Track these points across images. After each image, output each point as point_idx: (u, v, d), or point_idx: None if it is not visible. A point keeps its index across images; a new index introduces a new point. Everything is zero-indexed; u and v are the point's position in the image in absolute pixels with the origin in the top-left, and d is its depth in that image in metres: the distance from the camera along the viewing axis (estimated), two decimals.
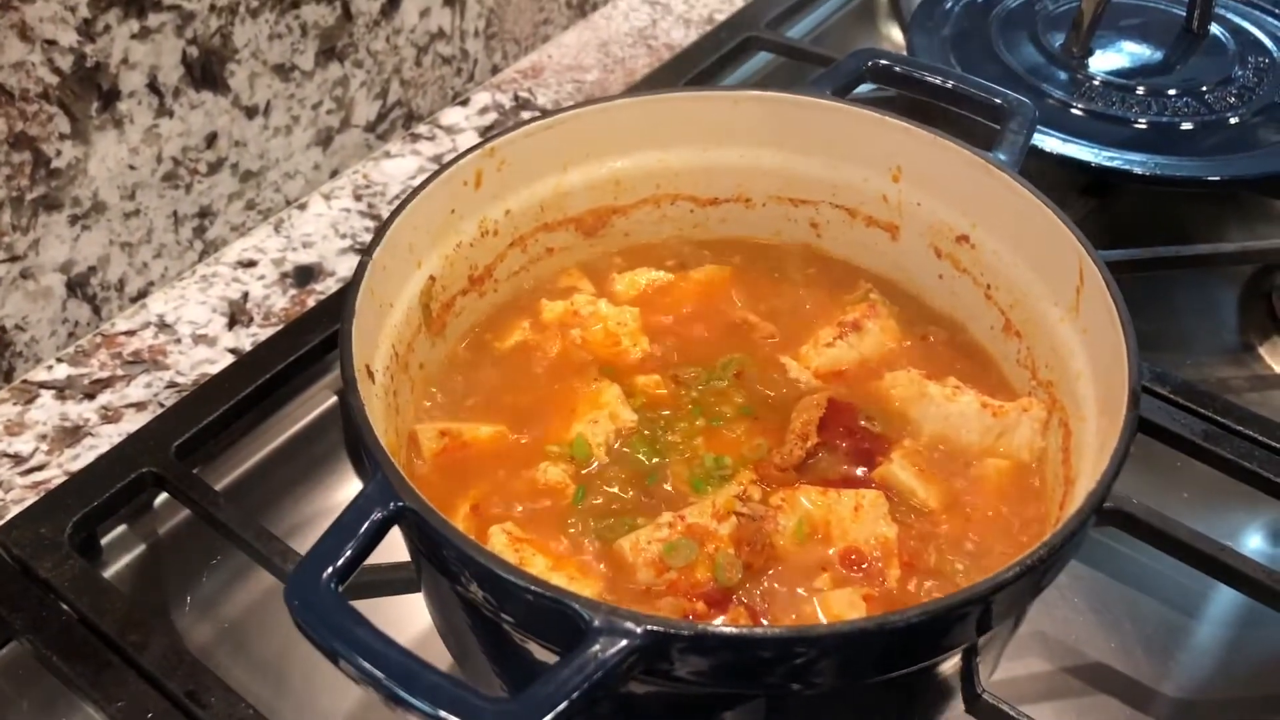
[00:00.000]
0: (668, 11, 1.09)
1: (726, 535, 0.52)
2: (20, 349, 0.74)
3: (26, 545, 0.60)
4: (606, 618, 0.39)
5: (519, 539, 0.52)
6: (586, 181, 0.64)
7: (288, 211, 0.86)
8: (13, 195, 0.69)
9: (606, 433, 0.57)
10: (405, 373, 0.56)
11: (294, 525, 0.72)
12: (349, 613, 0.40)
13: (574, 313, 0.63)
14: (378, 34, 0.87)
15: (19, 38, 0.65)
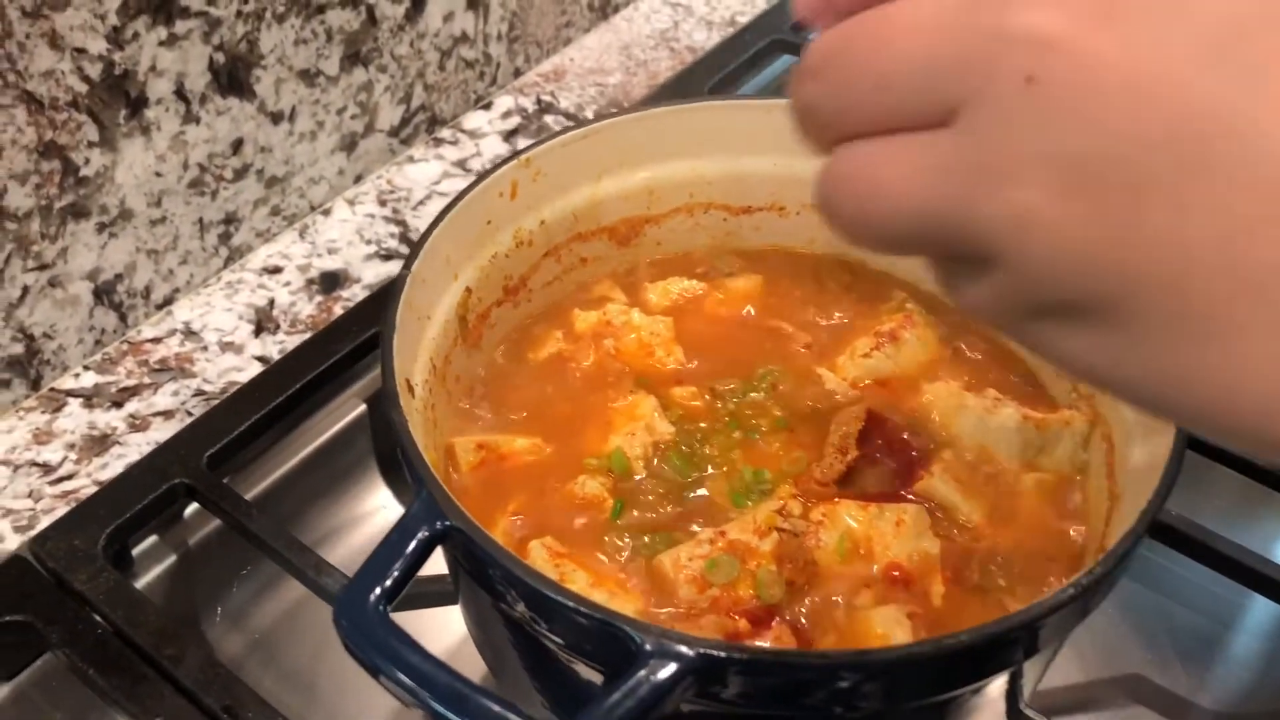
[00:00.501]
0: (689, 13, 1.08)
1: (768, 551, 0.51)
2: (48, 357, 0.73)
3: (61, 557, 0.59)
4: (658, 640, 0.39)
5: (559, 554, 0.52)
6: (620, 191, 0.63)
7: (312, 217, 0.86)
8: (42, 204, 0.69)
9: (644, 445, 0.57)
10: (442, 385, 0.56)
11: (323, 534, 0.71)
12: (397, 634, 0.40)
13: (607, 323, 0.63)
14: (402, 38, 0.86)
15: (49, 46, 0.65)
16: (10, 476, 0.68)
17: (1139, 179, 0.22)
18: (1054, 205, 0.23)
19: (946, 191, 0.25)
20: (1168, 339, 0.23)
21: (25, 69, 0.64)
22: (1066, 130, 0.23)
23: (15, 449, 0.70)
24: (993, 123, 0.24)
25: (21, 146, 0.66)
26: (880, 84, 0.26)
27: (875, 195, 0.26)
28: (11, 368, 0.72)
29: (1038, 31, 0.23)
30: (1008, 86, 0.23)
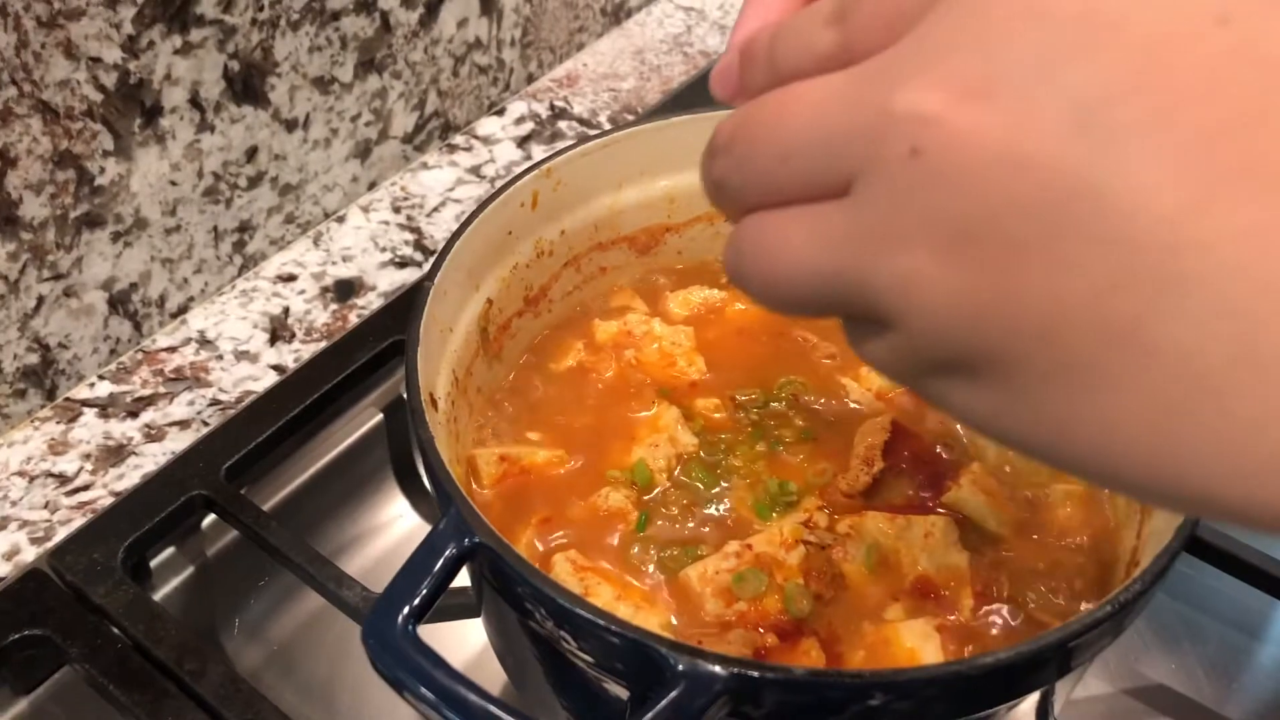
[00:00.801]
0: (702, 18, 1.08)
1: (795, 564, 0.51)
2: (63, 366, 0.73)
3: (80, 571, 0.59)
4: (692, 661, 0.39)
5: (583, 568, 0.52)
6: (640, 200, 0.63)
7: (326, 224, 0.86)
8: (57, 213, 0.68)
9: (667, 457, 0.56)
10: (464, 397, 0.56)
11: (341, 545, 0.71)
12: (427, 654, 0.40)
13: (628, 333, 0.62)
14: (416, 45, 0.86)
15: (65, 56, 0.64)
16: (26, 488, 0.68)
17: (1013, 241, 0.24)
18: (938, 268, 0.25)
19: (841, 257, 0.27)
20: (1046, 391, 0.25)
21: (41, 78, 0.64)
22: (947, 198, 0.24)
23: (31, 459, 0.70)
24: (881, 192, 0.26)
25: (37, 156, 0.66)
26: (781, 156, 0.28)
27: (776, 262, 0.28)
28: (27, 378, 0.71)
29: (919, 109, 0.25)
30: (894, 159, 0.25)
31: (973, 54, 0.24)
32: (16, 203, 0.66)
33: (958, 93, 0.24)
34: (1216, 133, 0.22)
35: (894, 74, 0.25)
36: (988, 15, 0.25)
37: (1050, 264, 0.23)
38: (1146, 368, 0.23)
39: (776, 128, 0.28)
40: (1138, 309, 0.23)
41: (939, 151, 0.24)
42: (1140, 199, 0.23)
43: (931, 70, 0.25)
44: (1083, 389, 0.24)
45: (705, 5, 1.09)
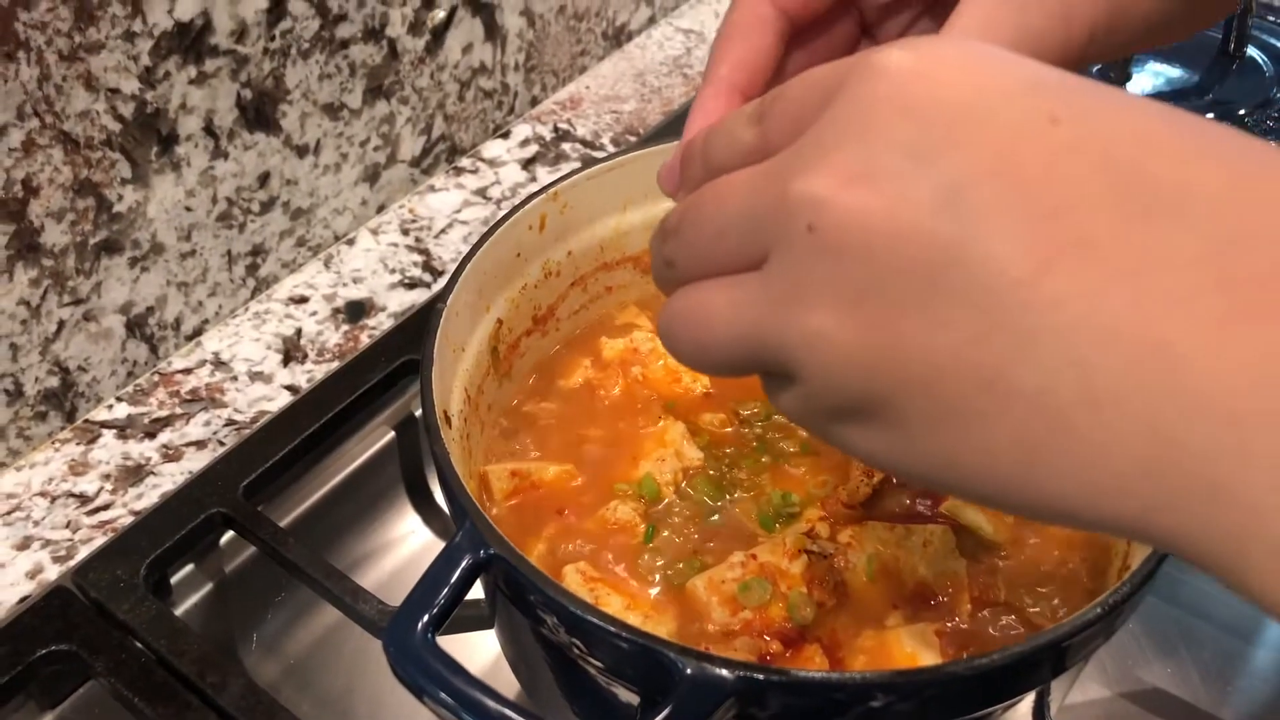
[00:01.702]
0: (701, 39, 1.10)
1: (798, 574, 0.53)
2: (82, 389, 0.75)
3: (104, 588, 0.61)
4: (699, 665, 0.40)
5: (592, 578, 0.53)
6: (645, 220, 0.65)
7: (337, 247, 0.88)
8: (77, 240, 0.70)
9: (674, 470, 0.58)
10: (476, 414, 0.57)
11: (355, 559, 0.73)
12: (446, 661, 0.41)
13: (634, 350, 0.64)
14: (422, 71, 0.88)
15: (85, 88, 0.66)
16: (48, 508, 0.70)
17: (895, 303, 0.28)
18: (835, 326, 0.29)
19: (755, 318, 0.31)
20: (931, 431, 0.29)
21: (62, 110, 0.66)
22: (839, 266, 0.29)
23: (52, 480, 0.72)
24: (787, 263, 0.30)
25: (58, 185, 0.68)
26: (716, 235, 0.32)
27: (702, 325, 0.33)
28: (47, 400, 0.73)
29: (813, 192, 0.29)
30: (795, 235, 0.29)
31: (857, 146, 0.29)
32: (39, 230, 0.68)
33: (844, 178, 0.29)
34: (1053, 211, 0.26)
35: (795, 165, 0.30)
36: (869, 114, 0.29)
37: (926, 322, 0.28)
38: (1010, 408, 0.27)
39: (712, 211, 0.33)
40: (999, 359, 0.27)
41: (830, 227, 0.29)
42: (996, 266, 0.27)
43: (823, 160, 0.29)
44: (961, 428, 0.28)
45: (704, 27, 1.12)
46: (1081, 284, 0.26)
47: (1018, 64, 0.29)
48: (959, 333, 0.27)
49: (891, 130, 0.28)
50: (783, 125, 0.32)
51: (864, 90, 0.29)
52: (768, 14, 0.44)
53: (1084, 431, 0.26)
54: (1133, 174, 0.26)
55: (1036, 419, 0.27)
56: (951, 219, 0.27)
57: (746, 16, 0.43)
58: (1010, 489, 0.28)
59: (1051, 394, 0.26)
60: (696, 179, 0.36)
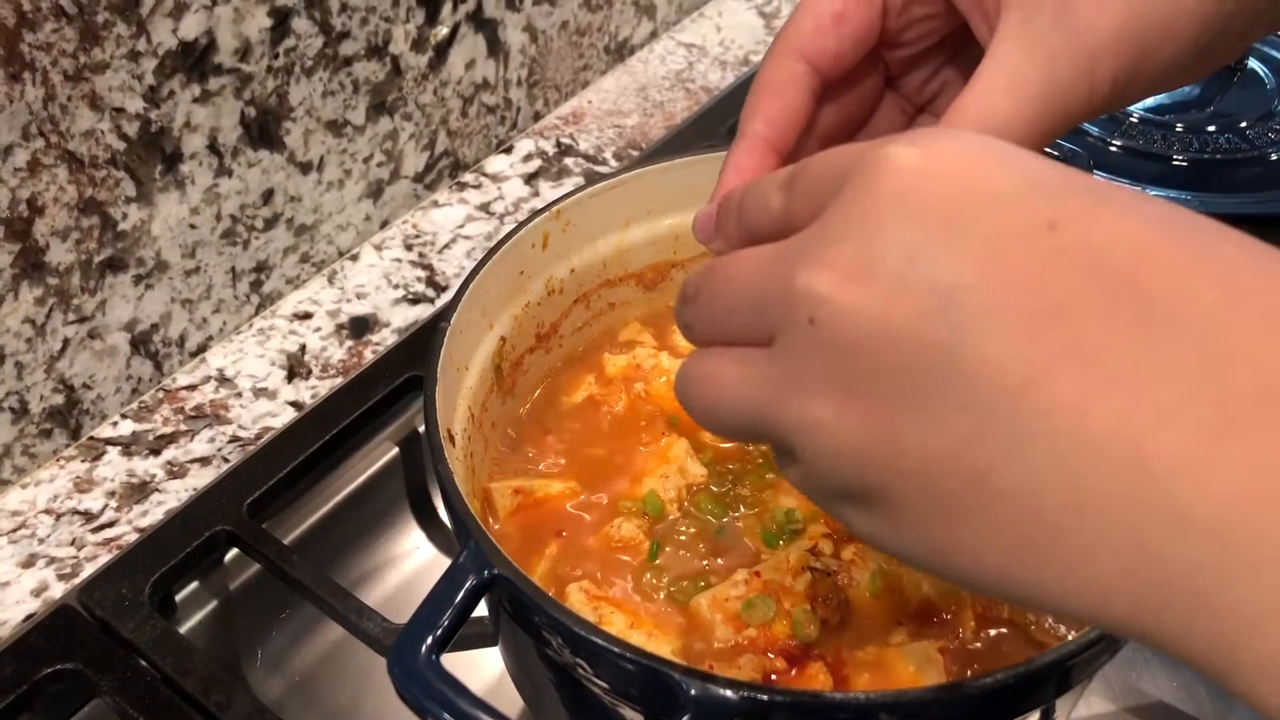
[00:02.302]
0: (704, 54, 1.10)
1: (802, 591, 0.53)
2: (87, 406, 0.75)
3: (109, 606, 0.61)
4: (703, 686, 0.40)
5: (596, 596, 0.53)
6: (647, 238, 0.65)
7: (340, 263, 0.88)
8: (82, 259, 0.70)
9: (677, 487, 0.58)
10: (480, 432, 0.58)
11: (359, 576, 0.73)
12: (450, 682, 0.41)
13: (637, 366, 0.64)
14: (425, 87, 0.88)
15: (90, 107, 0.67)
16: (53, 525, 0.70)
17: (892, 400, 0.29)
18: (834, 417, 0.30)
19: (761, 398, 0.32)
20: (923, 522, 0.30)
21: (67, 130, 0.66)
22: (838, 361, 0.30)
23: (57, 497, 0.72)
24: (791, 350, 0.31)
25: (63, 204, 0.68)
26: (727, 311, 0.34)
27: (714, 395, 0.34)
28: (53, 418, 0.73)
29: (814, 288, 0.30)
30: (797, 325, 0.30)
31: (857, 243, 0.30)
32: (44, 249, 0.68)
33: (843, 275, 0.29)
34: (1046, 319, 0.27)
35: (801, 255, 0.31)
36: (871, 211, 0.30)
37: (921, 420, 0.28)
38: (999, 507, 0.28)
39: (724, 288, 0.34)
40: (990, 460, 0.28)
41: (829, 323, 0.30)
42: (988, 371, 0.27)
43: (825, 254, 0.30)
44: (952, 522, 0.29)
45: (706, 42, 1.12)
46: (1071, 393, 0.27)
47: (1022, 163, 0.30)
48: (952, 433, 0.28)
49: (890, 230, 0.29)
50: (804, 201, 0.33)
51: (868, 185, 0.30)
52: (799, 71, 0.45)
53: (1069, 536, 0.27)
54: (1128, 283, 0.27)
55: (1023, 521, 0.28)
56: (945, 323, 0.28)
57: (779, 74, 0.45)
58: (1000, 583, 0.29)
59: (1038, 498, 0.27)
60: (731, 235, 0.38)
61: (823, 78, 0.46)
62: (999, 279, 0.28)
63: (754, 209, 0.36)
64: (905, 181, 0.30)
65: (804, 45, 0.45)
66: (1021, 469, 0.27)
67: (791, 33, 0.45)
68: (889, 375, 0.29)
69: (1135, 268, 0.27)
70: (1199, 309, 0.26)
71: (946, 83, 0.50)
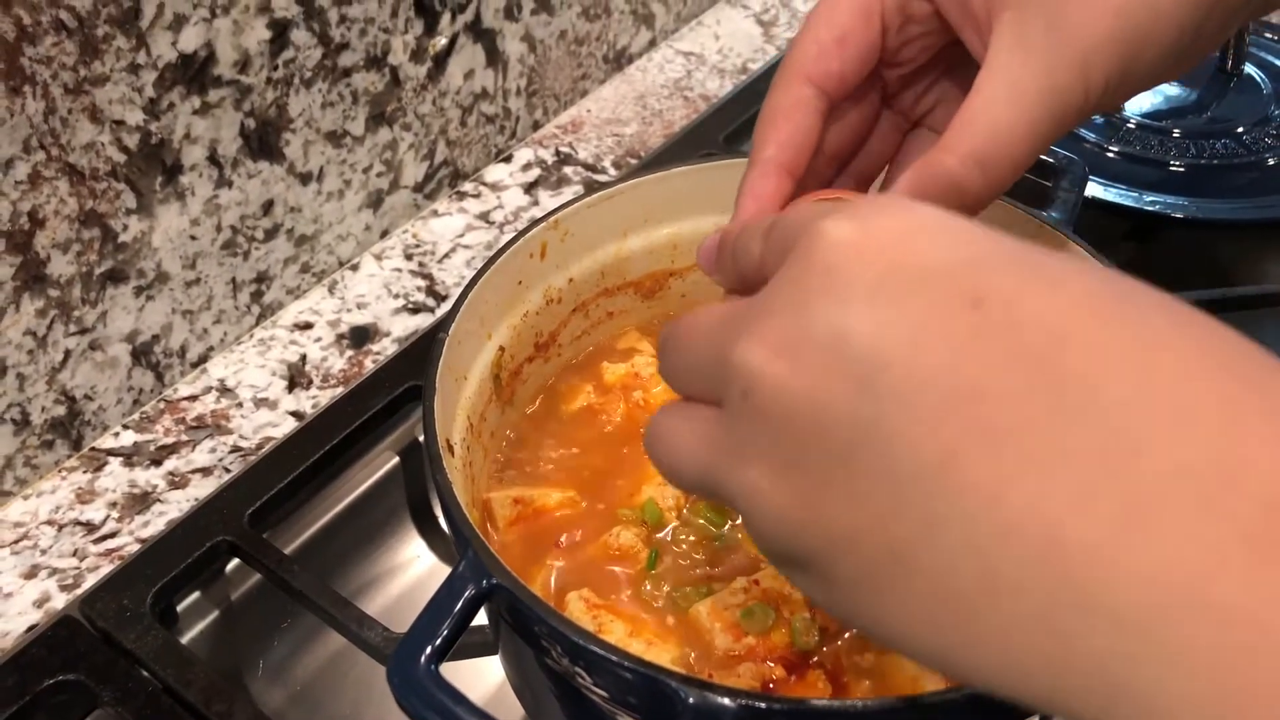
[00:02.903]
0: (702, 62, 1.11)
1: (800, 599, 0.53)
2: (89, 417, 0.75)
3: (110, 617, 0.61)
4: (702, 695, 0.40)
5: (595, 605, 0.54)
6: (645, 247, 0.65)
7: (341, 273, 0.88)
8: (83, 271, 0.71)
9: (675, 495, 0.58)
10: (479, 442, 0.58)
11: (360, 586, 0.73)
12: (449, 692, 0.42)
13: (635, 374, 0.65)
14: (424, 97, 0.89)
15: (90, 120, 0.67)
16: (55, 536, 0.70)
17: (818, 472, 0.30)
18: (769, 485, 0.31)
19: (709, 460, 0.33)
20: (854, 591, 0.30)
21: (68, 142, 0.67)
22: (769, 433, 0.30)
23: (59, 508, 0.72)
24: (731, 418, 0.32)
25: (64, 216, 0.68)
26: (686, 368, 0.35)
27: (670, 450, 0.35)
28: (54, 429, 0.74)
29: (747, 362, 0.31)
30: (735, 396, 0.31)
31: (788, 317, 0.30)
32: (45, 261, 0.68)
33: (773, 350, 0.30)
34: (963, 399, 0.27)
35: (741, 325, 0.32)
36: (803, 285, 0.31)
37: (845, 494, 0.29)
38: (918, 583, 0.28)
39: (682, 347, 0.35)
40: (907, 537, 0.28)
41: (759, 397, 0.30)
42: (905, 450, 0.28)
43: (759, 327, 0.31)
44: (880, 594, 0.29)
45: (704, 50, 1.12)
46: (985, 475, 0.27)
47: (958, 236, 0.30)
48: (873, 507, 0.28)
49: (817, 306, 0.30)
50: (771, 257, 0.34)
51: (805, 258, 0.31)
52: (808, 95, 0.46)
53: (985, 618, 0.27)
54: (1045, 364, 0.27)
55: (940, 599, 0.28)
56: (867, 400, 0.28)
57: (788, 99, 0.46)
58: (930, 656, 0.29)
59: (952, 577, 0.27)
60: (727, 271, 0.39)
61: (829, 99, 0.46)
62: (919, 358, 0.28)
63: (742, 253, 0.37)
64: (836, 256, 0.30)
65: (810, 69, 0.46)
66: (936, 547, 0.28)
67: (797, 57, 0.46)
68: (816, 448, 0.29)
69: (1053, 349, 0.27)
70: (1113, 394, 0.26)
71: (940, 99, 0.51)
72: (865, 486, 0.28)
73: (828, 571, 0.30)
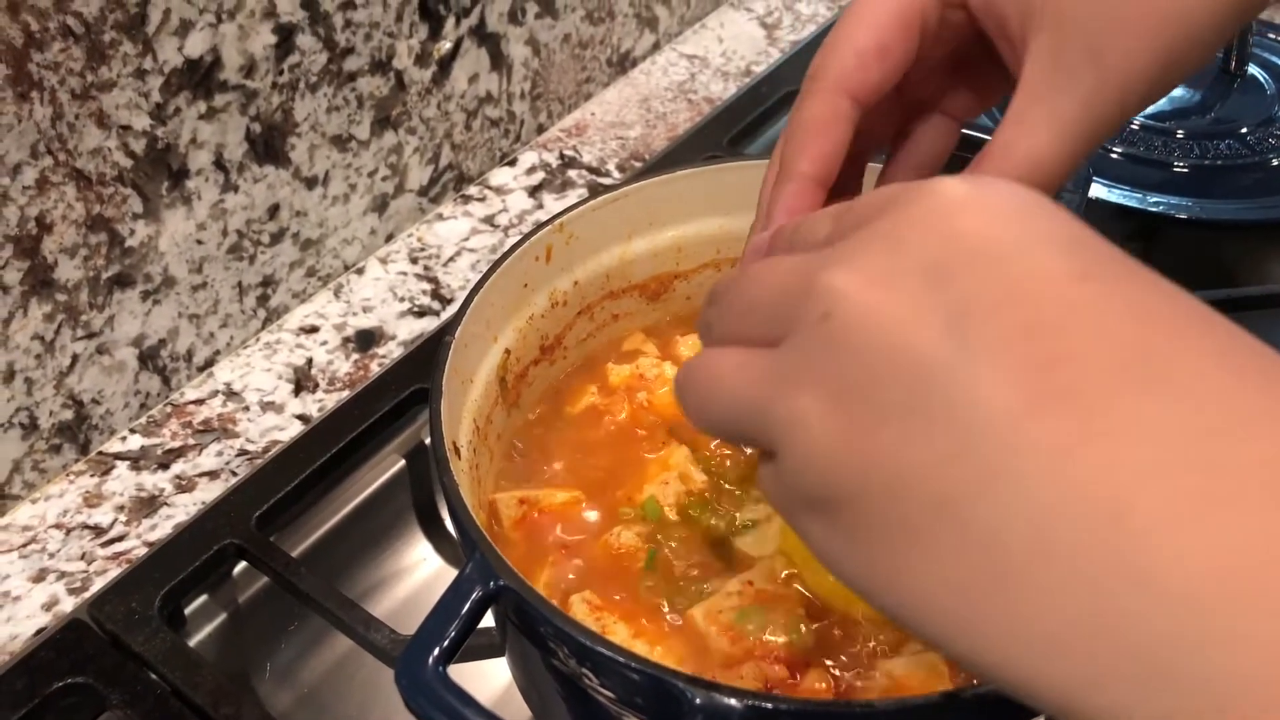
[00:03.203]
0: (705, 65, 1.11)
1: (796, 597, 0.53)
2: (96, 422, 0.76)
3: (119, 620, 0.61)
4: (708, 695, 0.41)
5: (598, 607, 0.54)
6: (650, 249, 0.65)
7: (346, 277, 0.89)
8: (90, 275, 0.71)
9: (677, 494, 0.58)
10: (485, 444, 0.58)
11: (367, 589, 0.73)
12: (457, 693, 0.42)
13: (640, 376, 0.65)
14: (429, 101, 0.89)
15: (97, 125, 0.67)
16: (63, 540, 0.71)
17: (879, 407, 0.29)
18: (820, 413, 0.30)
19: (755, 389, 0.32)
20: (880, 542, 0.29)
21: (75, 148, 0.67)
22: (840, 358, 0.30)
23: (67, 512, 0.72)
24: (796, 344, 0.31)
25: (71, 221, 0.69)
26: (745, 311, 0.35)
27: (708, 388, 0.35)
28: (62, 433, 0.74)
29: (835, 284, 0.30)
30: (811, 319, 0.31)
31: (888, 254, 0.30)
32: (52, 266, 0.69)
33: (867, 279, 0.30)
34: (1052, 362, 0.27)
35: (829, 259, 0.31)
36: (909, 229, 0.30)
37: (902, 432, 0.28)
38: (960, 538, 0.27)
39: (747, 289, 0.35)
40: (962, 486, 0.27)
41: (841, 319, 0.30)
42: (982, 395, 0.27)
43: (855, 259, 0.31)
44: (910, 546, 0.28)
45: (708, 53, 1.13)
46: (1059, 434, 0.26)
47: (1067, 220, 0.30)
48: (930, 450, 0.28)
49: (922, 247, 0.30)
50: (850, 226, 0.33)
51: (911, 207, 0.31)
52: (845, 109, 0.45)
53: (1028, 582, 0.26)
54: (1138, 348, 0.27)
55: (982, 556, 0.27)
56: (952, 341, 0.28)
57: (826, 112, 0.45)
58: (944, 627, 0.28)
59: (1004, 535, 0.26)
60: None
61: (863, 110, 0.46)
62: (1016, 314, 0.28)
63: (805, 235, 0.37)
64: (950, 208, 0.30)
65: (848, 81, 0.44)
66: (991, 501, 0.27)
67: (834, 68, 0.45)
68: (882, 382, 0.29)
69: (1148, 332, 0.27)
70: (1204, 383, 0.26)
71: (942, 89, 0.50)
72: (926, 427, 0.28)
73: (858, 517, 0.29)
